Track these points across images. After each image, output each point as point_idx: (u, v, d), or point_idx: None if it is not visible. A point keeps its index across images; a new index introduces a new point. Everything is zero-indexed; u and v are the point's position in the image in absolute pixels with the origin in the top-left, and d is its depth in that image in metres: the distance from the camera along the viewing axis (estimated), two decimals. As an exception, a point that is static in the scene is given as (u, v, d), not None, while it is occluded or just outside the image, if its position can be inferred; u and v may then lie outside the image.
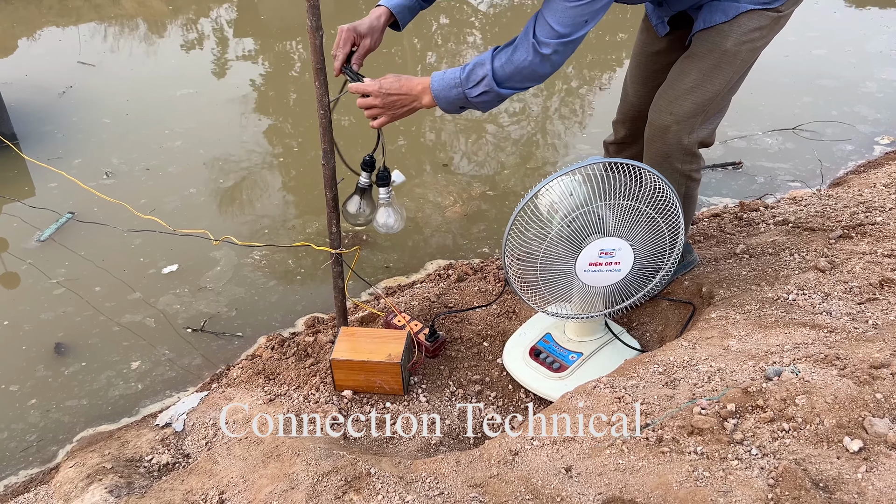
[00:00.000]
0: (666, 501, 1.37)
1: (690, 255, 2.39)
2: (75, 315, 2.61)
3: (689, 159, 2.03)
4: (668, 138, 1.98)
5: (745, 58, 1.94)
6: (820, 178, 3.29)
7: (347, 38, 1.84)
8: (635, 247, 1.84)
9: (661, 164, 2.02)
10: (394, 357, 2.00)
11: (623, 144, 2.37)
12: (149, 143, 3.71)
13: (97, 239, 2.99)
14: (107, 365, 2.41)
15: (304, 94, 4.35)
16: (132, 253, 2.92)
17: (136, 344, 2.49)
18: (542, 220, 1.80)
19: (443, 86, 1.73)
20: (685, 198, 2.10)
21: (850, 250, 2.23)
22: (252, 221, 3.13)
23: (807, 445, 1.40)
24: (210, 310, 2.63)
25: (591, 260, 1.84)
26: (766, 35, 1.94)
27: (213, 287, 2.74)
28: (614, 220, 1.80)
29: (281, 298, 2.69)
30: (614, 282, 1.89)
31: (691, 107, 1.95)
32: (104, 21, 5.52)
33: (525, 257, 1.87)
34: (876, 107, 3.88)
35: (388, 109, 1.79)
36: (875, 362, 1.54)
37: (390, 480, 1.58)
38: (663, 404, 1.60)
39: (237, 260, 2.88)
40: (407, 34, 5.28)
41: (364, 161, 1.95)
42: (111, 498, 1.74)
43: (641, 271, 1.92)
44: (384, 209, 2.02)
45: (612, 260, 1.85)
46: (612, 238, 1.81)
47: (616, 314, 2.31)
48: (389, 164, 1.96)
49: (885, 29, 4.79)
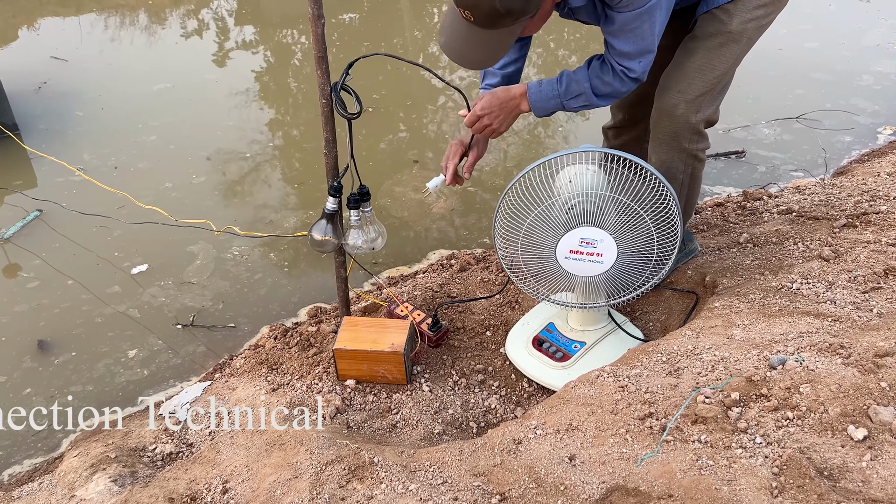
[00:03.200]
0: (670, 490, 1.37)
1: (692, 243, 2.38)
2: (66, 307, 2.60)
3: (696, 138, 2.03)
4: (676, 118, 1.98)
5: (751, 35, 1.94)
6: (823, 168, 3.27)
7: (456, 151, 2.06)
8: (620, 242, 1.81)
9: (670, 144, 2.01)
10: (397, 346, 2.00)
11: (622, 129, 2.36)
12: (154, 135, 3.71)
13: (78, 231, 2.97)
14: (102, 355, 2.41)
15: (304, 84, 4.34)
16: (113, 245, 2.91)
17: (133, 336, 2.49)
18: (527, 202, 1.82)
19: (540, 97, 1.90)
20: (691, 179, 2.10)
21: (855, 239, 2.22)
22: (253, 211, 3.13)
23: (811, 434, 1.40)
24: (203, 303, 2.62)
25: (572, 248, 1.84)
26: (771, 12, 1.94)
27: (215, 278, 2.74)
28: (598, 211, 1.79)
29: (282, 288, 2.69)
30: (597, 273, 1.87)
31: (699, 86, 1.94)
32: (103, 11, 5.50)
33: (509, 236, 1.90)
34: (874, 98, 3.86)
35: (500, 121, 1.95)
36: (880, 351, 1.53)
37: (394, 469, 1.58)
38: (667, 393, 1.60)
39: (217, 254, 2.85)
40: (409, 27, 5.26)
41: (332, 186, 1.93)
42: (115, 487, 1.74)
43: (631, 269, 1.88)
44: (355, 231, 1.99)
45: (594, 251, 1.84)
46: (592, 228, 1.80)
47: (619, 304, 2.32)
48: (361, 166, 1.95)
49: (883, 22, 4.76)
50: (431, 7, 5.50)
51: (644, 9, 1.72)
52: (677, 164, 2.03)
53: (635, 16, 1.73)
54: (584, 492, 1.43)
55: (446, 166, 2.07)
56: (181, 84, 4.25)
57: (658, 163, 2.04)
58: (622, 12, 1.73)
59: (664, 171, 2.04)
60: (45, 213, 3.06)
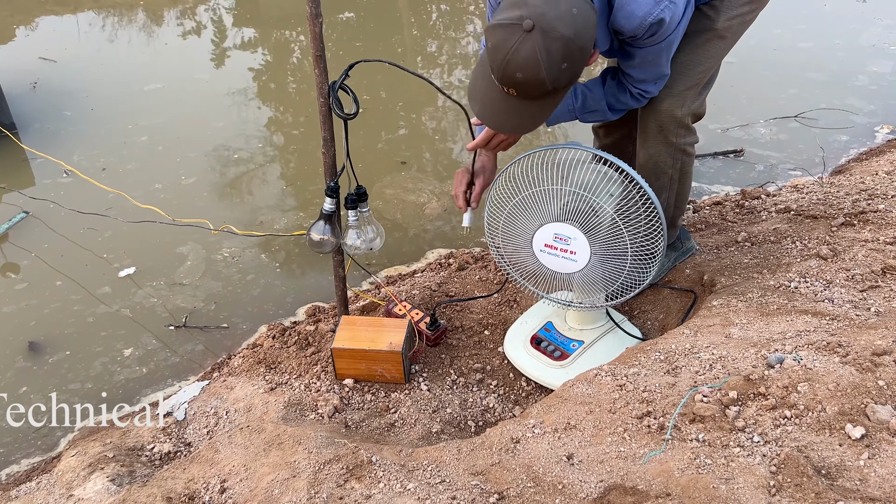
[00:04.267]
0: (668, 488, 1.37)
1: (689, 241, 2.38)
2: (57, 310, 2.60)
3: (683, 132, 2.02)
4: (661, 112, 1.98)
5: (735, 31, 1.96)
6: (822, 166, 3.27)
7: (462, 179, 2.04)
8: (593, 243, 1.81)
9: (657, 139, 2.01)
10: (395, 346, 2.00)
11: (612, 126, 2.36)
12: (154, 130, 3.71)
13: (67, 232, 2.96)
14: (96, 354, 2.41)
15: (302, 83, 4.34)
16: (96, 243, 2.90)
17: (131, 335, 2.49)
18: (508, 191, 1.85)
19: (555, 112, 1.88)
20: (681, 174, 2.10)
21: (853, 238, 2.23)
22: (250, 211, 3.12)
23: (809, 433, 1.40)
24: (196, 303, 2.62)
25: (546, 241, 1.86)
26: (755, 9, 1.97)
27: (206, 279, 2.74)
28: (569, 210, 1.80)
29: (280, 287, 2.69)
30: (572, 271, 1.87)
31: (685, 82, 1.95)
32: (102, 10, 5.49)
33: (492, 223, 1.93)
34: (870, 98, 3.85)
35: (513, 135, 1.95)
36: (877, 349, 1.53)
37: (392, 468, 1.58)
38: (665, 392, 1.60)
39: (206, 255, 2.84)
40: (407, 24, 5.26)
41: (329, 187, 1.94)
42: (113, 486, 1.74)
43: (609, 270, 1.87)
44: (353, 231, 1.99)
45: (568, 248, 1.84)
46: (565, 225, 1.81)
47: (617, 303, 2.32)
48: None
49: (879, 22, 4.76)
50: (429, 6, 5.50)
51: (664, 43, 1.75)
52: (665, 159, 2.03)
53: (656, 50, 1.77)
54: (582, 490, 1.43)
55: (457, 195, 2.06)
56: (172, 84, 4.24)
57: (646, 158, 2.04)
58: (643, 48, 1.75)
59: (653, 167, 2.04)
60: (33, 213, 3.05)
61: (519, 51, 1.49)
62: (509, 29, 1.49)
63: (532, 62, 1.49)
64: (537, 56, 1.48)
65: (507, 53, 1.50)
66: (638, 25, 1.66)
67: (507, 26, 1.50)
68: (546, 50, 1.48)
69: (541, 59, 1.48)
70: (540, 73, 1.50)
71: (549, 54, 1.48)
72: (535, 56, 1.48)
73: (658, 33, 1.70)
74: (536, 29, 1.47)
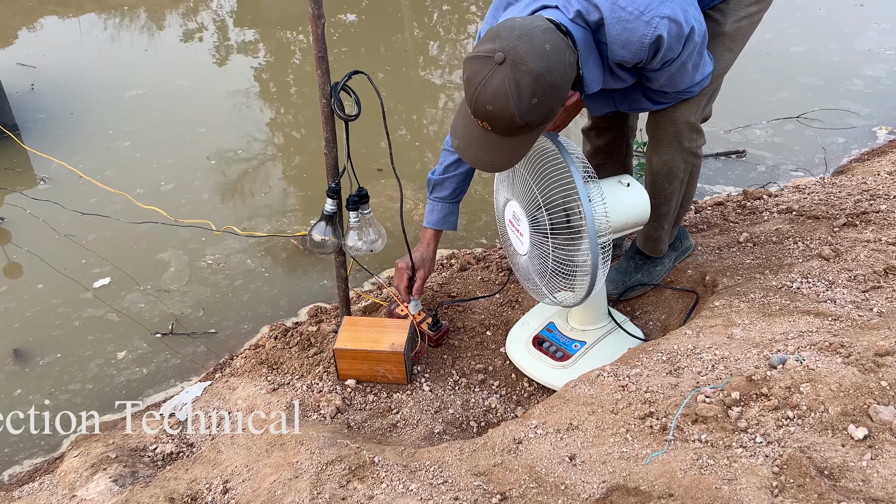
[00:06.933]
0: (670, 489, 1.37)
1: (687, 240, 2.38)
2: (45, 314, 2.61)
3: (695, 136, 2.03)
4: (677, 119, 1.98)
5: (745, 32, 1.96)
6: (823, 167, 3.27)
7: (401, 273, 2.19)
8: (531, 234, 1.82)
9: (671, 145, 2.01)
10: (397, 346, 2.00)
11: (603, 129, 2.35)
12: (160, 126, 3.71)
13: (47, 238, 2.95)
14: (88, 358, 2.41)
15: (304, 85, 4.34)
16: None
17: (130, 336, 2.49)
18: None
19: (597, 102, 1.94)
20: (691, 176, 2.10)
21: (855, 238, 2.22)
22: (252, 211, 3.13)
23: (811, 433, 1.40)
24: (183, 309, 2.62)
25: (509, 217, 1.93)
26: (762, 9, 1.96)
27: (194, 285, 2.74)
28: (520, 190, 1.82)
29: (283, 288, 2.69)
30: (521, 253, 1.91)
31: None
32: (104, 12, 5.50)
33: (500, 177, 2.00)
34: (865, 100, 3.84)
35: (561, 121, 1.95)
36: (880, 350, 1.53)
37: (394, 469, 1.58)
38: (667, 393, 1.60)
39: (189, 260, 2.82)
40: (409, 25, 5.26)
41: (330, 188, 1.94)
42: (116, 487, 1.74)
43: (537, 266, 1.87)
44: (354, 232, 1.99)
45: (518, 228, 1.88)
46: (518, 207, 1.84)
47: (618, 303, 2.32)
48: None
49: (875, 26, 4.75)
50: (431, 7, 5.50)
51: (682, 60, 1.72)
52: (678, 164, 2.04)
53: (679, 66, 1.73)
54: (584, 491, 1.43)
55: (399, 289, 2.20)
56: (153, 90, 4.22)
57: (660, 164, 2.04)
58: (660, 69, 1.73)
59: (666, 172, 2.04)
60: (7, 220, 3.05)
61: (489, 82, 1.49)
62: (483, 61, 1.50)
63: (501, 94, 1.49)
64: (506, 88, 1.48)
65: (478, 85, 1.50)
66: (638, 50, 1.63)
67: (481, 58, 1.50)
68: (515, 82, 1.47)
69: (510, 91, 1.48)
70: (509, 107, 1.49)
71: (519, 87, 1.48)
72: (504, 88, 1.48)
73: (660, 50, 1.65)
74: (507, 62, 1.47)
